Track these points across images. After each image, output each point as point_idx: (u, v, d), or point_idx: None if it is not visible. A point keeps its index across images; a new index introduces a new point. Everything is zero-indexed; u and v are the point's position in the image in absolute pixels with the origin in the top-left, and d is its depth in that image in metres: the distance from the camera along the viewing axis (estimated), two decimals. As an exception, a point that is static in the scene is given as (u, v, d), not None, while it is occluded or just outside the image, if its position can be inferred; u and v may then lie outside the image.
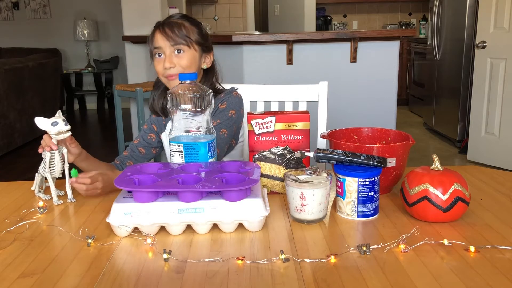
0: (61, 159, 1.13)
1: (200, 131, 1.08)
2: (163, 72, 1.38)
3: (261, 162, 1.11)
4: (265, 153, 1.11)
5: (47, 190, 1.17)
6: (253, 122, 1.11)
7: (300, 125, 1.10)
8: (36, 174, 1.15)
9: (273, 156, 1.10)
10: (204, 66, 1.45)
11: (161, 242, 0.88)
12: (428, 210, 0.92)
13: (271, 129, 1.11)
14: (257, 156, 1.11)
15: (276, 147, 1.11)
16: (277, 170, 1.11)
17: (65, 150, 1.14)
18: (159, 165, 1.04)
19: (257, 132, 1.11)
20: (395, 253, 0.81)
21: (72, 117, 6.42)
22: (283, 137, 1.11)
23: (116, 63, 6.80)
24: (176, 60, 1.36)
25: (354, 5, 7.20)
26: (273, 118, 1.10)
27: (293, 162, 1.10)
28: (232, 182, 0.95)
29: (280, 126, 1.10)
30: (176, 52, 1.37)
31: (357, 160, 0.98)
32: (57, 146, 1.12)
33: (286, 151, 1.10)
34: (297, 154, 1.10)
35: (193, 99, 1.06)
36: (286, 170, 1.07)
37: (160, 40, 1.36)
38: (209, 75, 1.48)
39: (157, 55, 1.39)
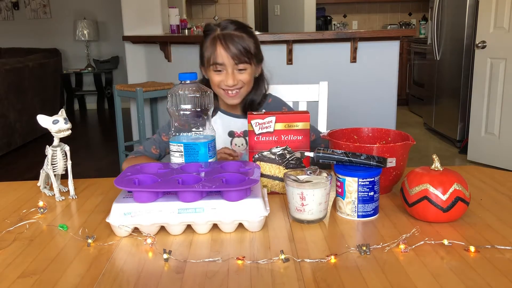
0: (63, 156, 1.13)
1: (200, 131, 1.09)
2: (220, 85, 1.38)
3: (261, 162, 1.11)
4: (265, 153, 1.11)
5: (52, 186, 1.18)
6: (253, 122, 1.10)
7: (300, 125, 1.10)
8: (41, 171, 1.17)
9: (273, 156, 1.10)
10: (256, 75, 1.45)
11: (161, 242, 0.88)
12: (428, 210, 0.92)
13: (271, 129, 1.10)
14: (257, 156, 1.11)
15: (276, 147, 1.11)
16: (277, 170, 1.11)
17: (67, 148, 1.14)
18: (159, 165, 1.04)
19: (257, 132, 1.11)
20: (395, 253, 0.81)
21: (72, 117, 6.42)
22: (283, 137, 1.11)
23: (116, 63, 6.80)
24: (238, 77, 1.37)
25: (354, 5, 7.21)
26: (273, 118, 1.10)
27: (293, 162, 1.10)
28: (232, 182, 0.95)
29: (280, 126, 1.10)
30: (238, 69, 1.36)
31: (357, 160, 0.98)
32: (237, 153, 1.18)
33: (286, 151, 1.10)
34: (297, 154, 1.10)
35: (193, 99, 1.06)
36: (286, 170, 1.07)
37: (225, 57, 1.34)
38: (260, 84, 1.47)
39: (216, 69, 1.37)
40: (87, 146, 4.92)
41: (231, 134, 1.47)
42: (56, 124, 1.09)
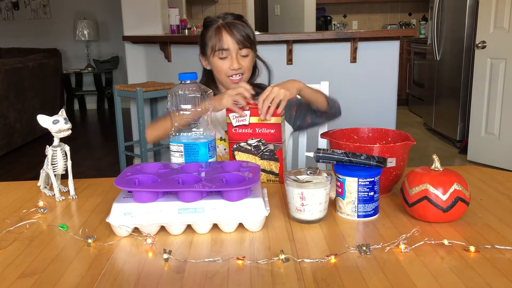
0: (63, 156, 1.13)
1: (200, 131, 1.09)
2: (228, 72, 1.43)
3: (239, 152, 1.20)
4: (242, 144, 1.20)
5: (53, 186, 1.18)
6: (230, 115, 1.20)
7: (272, 119, 1.18)
8: (41, 171, 1.17)
9: (249, 147, 1.19)
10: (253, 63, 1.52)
11: (161, 242, 0.88)
12: (428, 210, 0.92)
13: (246, 122, 1.19)
14: (235, 146, 1.20)
15: (252, 139, 1.19)
16: (253, 160, 1.19)
17: (67, 148, 1.14)
18: (159, 165, 1.04)
19: (234, 124, 1.20)
20: (395, 253, 0.81)
21: (72, 117, 6.42)
22: (257, 130, 1.19)
23: (116, 63, 6.80)
24: (241, 62, 1.43)
25: (354, 5, 7.20)
26: (248, 112, 1.19)
27: (267, 153, 1.19)
28: (232, 182, 0.95)
29: (254, 119, 1.19)
30: (241, 55, 1.43)
31: (357, 160, 0.98)
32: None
33: (260, 143, 1.19)
34: (271, 147, 1.18)
35: (193, 99, 1.07)
36: (262, 161, 1.18)
37: (230, 42, 1.41)
38: (256, 70, 1.55)
39: (221, 56, 1.42)
40: (87, 146, 4.92)
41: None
42: (56, 124, 1.10)
